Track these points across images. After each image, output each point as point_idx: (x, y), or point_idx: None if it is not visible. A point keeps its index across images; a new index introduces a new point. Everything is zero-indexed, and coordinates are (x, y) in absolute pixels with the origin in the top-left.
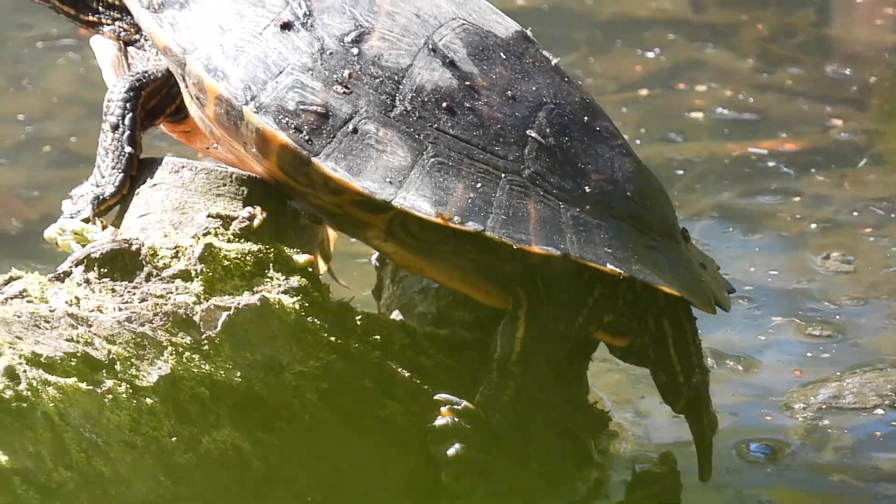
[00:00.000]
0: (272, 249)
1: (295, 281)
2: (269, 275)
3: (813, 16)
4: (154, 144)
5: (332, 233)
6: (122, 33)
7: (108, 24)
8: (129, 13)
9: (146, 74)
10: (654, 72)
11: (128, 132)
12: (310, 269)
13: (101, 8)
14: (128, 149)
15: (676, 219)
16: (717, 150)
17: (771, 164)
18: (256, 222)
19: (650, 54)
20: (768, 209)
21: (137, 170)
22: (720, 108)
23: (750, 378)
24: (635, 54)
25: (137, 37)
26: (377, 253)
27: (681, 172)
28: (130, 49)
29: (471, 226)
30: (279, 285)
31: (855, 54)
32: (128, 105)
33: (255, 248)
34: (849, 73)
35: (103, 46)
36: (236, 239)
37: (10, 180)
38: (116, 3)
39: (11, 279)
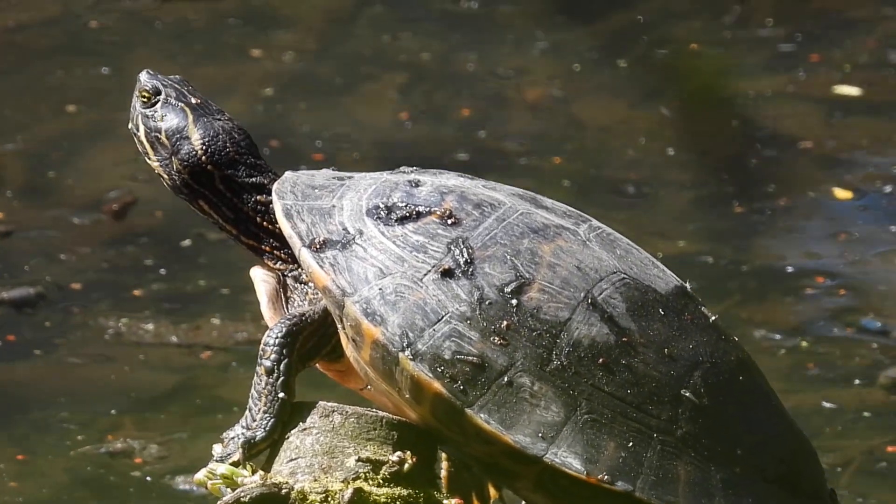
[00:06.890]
0: (422, 493)
1: None
2: None
3: None
4: (311, 385)
5: None
6: (279, 262)
7: (266, 251)
8: (289, 244)
9: (303, 318)
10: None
11: (282, 378)
12: None
13: (262, 234)
14: (281, 394)
15: (825, 479)
16: (868, 397)
17: None
18: (406, 466)
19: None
20: None
21: (289, 414)
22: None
23: None
24: (788, 302)
25: (294, 267)
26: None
27: (832, 406)
28: (289, 280)
29: (620, 486)
30: None
31: None
32: (284, 351)
33: (405, 492)
34: None
35: (262, 278)
36: (386, 483)
37: (160, 425)
38: (277, 231)
39: None
